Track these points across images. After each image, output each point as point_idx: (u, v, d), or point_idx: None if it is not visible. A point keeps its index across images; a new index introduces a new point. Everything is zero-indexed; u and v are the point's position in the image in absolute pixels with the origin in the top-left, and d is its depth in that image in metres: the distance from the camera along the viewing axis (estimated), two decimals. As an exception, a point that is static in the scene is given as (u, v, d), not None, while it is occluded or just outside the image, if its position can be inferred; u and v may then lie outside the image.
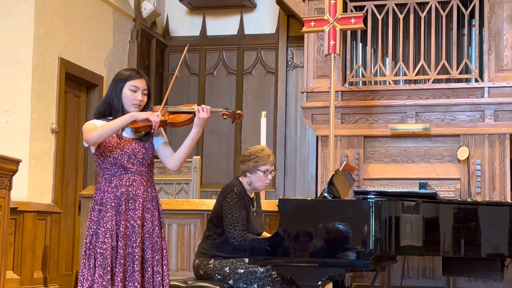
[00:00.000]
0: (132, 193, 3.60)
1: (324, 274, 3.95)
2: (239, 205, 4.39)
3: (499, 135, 6.05)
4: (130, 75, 3.68)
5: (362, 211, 3.88)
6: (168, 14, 8.71)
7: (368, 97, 6.35)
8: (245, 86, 8.39)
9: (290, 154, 8.16)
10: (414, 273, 5.71)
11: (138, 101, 3.65)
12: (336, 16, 5.82)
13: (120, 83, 3.67)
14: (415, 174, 6.11)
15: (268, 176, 4.50)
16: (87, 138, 3.56)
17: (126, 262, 3.54)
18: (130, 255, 3.54)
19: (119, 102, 3.65)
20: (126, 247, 3.54)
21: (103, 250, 3.51)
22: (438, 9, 6.33)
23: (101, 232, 3.53)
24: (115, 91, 3.67)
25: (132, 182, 3.61)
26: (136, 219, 3.58)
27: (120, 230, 3.54)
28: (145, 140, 3.69)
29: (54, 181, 6.55)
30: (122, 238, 3.53)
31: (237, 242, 4.34)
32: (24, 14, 6.27)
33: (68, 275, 6.79)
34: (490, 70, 6.15)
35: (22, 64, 6.25)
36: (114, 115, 3.65)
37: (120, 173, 3.60)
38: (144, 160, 3.66)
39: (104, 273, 3.48)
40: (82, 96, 7.26)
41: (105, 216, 3.55)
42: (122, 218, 3.56)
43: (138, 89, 3.66)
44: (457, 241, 4.14)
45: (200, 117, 3.66)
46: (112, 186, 3.59)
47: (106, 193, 3.59)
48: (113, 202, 3.57)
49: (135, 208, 3.59)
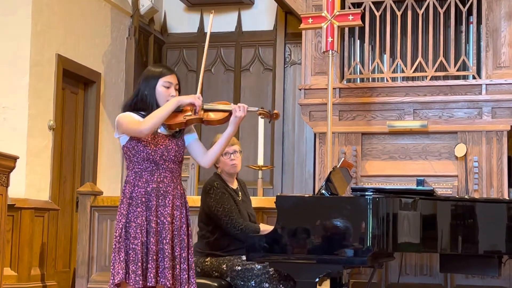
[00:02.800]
0: (162, 190, 3.59)
1: (322, 271, 3.95)
2: (225, 197, 4.42)
3: (497, 132, 6.06)
4: (162, 72, 3.67)
5: (360, 208, 3.88)
6: (165, 10, 8.70)
7: (365, 94, 6.35)
8: (242, 83, 8.38)
9: (288, 151, 8.16)
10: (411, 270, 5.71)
11: (172, 97, 3.65)
12: (334, 13, 5.82)
13: (152, 80, 3.66)
14: (413, 171, 6.12)
15: (231, 157, 4.51)
16: (138, 129, 3.50)
17: (158, 258, 3.53)
18: (161, 251, 3.54)
19: (153, 98, 3.64)
20: (157, 243, 3.54)
21: (134, 245, 3.50)
22: (436, 6, 6.34)
23: (132, 227, 3.52)
24: (148, 87, 3.64)
25: (163, 179, 3.60)
26: (166, 215, 3.57)
27: (152, 226, 3.53)
28: (177, 137, 3.69)
29: (52, 178, 6.54)
30: (154, 234, 3.52)
31: (238, 231, 4.35)
32: (21, 11, 6.26)
33: (66, 272, 6.79)
34: (487, 67, 6.16)
35: (19, 60, 6.24)
36: (148, 111, 3.62)
37: (151, 169, 3.59)
38: (176, 158, 3.66)
39: (137, 268, 3.48)
40: (80, 92, 7.25)
41: (135, 211, 3.54)
42: (153, 214, 3.55)
43: (171, 85, 3.66)
44: (455, 238, 4.15)
45: (237, 115, 3.65)
46: (142, 181, 3.58)
47: (136, 187, 3.57)
48: (144, 197, 3.56)
49: (165, 205, 3.58)
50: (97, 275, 5.69)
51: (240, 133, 8.25)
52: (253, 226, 4.43)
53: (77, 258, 5.75)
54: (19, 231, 6.01)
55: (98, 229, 5.72)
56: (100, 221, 5.73)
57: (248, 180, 8.10)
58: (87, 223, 5.71)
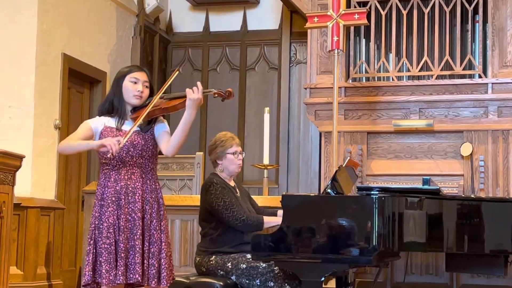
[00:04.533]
0: (131, 186, 3.61)
1: (327, 270, 3.94)
2: (225, 192, 4.42)
3: (503, 131, 6.04)
4: (129, 69, 3.74)
5: (366, 207, 3.88)
6: (171, 10, 8.70)
7: (371, 93, 6.34)
8: (248, 82, 8.38)
9: (293, 150, 8.16)
10: (417, 269, 5.70)
11: (139, 92, 3.67)
12: (340, 12, 5.81)
13: (120, 79, 3.71)
14: (419, 170, 6.11)
15: (239, 156, 4.53)
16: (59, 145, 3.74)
17: (129, 255, 3.55)
18: (132, 248, 3.56)
19: (120, 99, 3.67)
20: (128, 240, 3.56)
21: (107, 245, 3.52)
22: (442, 5, 6.32)
23: (104, 227, 3.55)
24: (116, 86, 3.70)
25: (130, 175, 3.62)
26: (136, 211, 3.60)
27: (121, 224, 3.56)
28: (145, 131, 3.69)
29: (57, 177, 6.56)
30: (123, 232, 3.55)
31: (240, 223, 4.35)
32: (27, 10, 6.27)
33: (72, 271, 6.79)
34: (493, 66, 6.14)
35: (25, 60, 6.25)
36: (115, 112, 3.68)
37: (118, 167, 3.62)
38: (144, 152, 3.66)
39: (111, 268, 3.50)
40: (85, 92, 7.26)
41: (107, 211, 3.57)
42: (123, 212, 3.58)
43: (138, 81, 3.69)
44: (461, 237, 4.14)
45: (191, 98, 3.61)
46: (111, 180, 3.61)
47: (106, 188, 3.61)
48: (114, 197, 3.59)
49: (135, 201, 3.61)
50: (102, 274, 5.69)
51: (246, 132, 8.25)
52: (256, 217, 4.42)
53: (82, 257, 5.76)
54: (25, 230, 6.02)
55: (104, 228, 5.72)
56: (106, 220, 5.73)
57: (253, 179, 8.16)
58: (93, 222, 5.71)
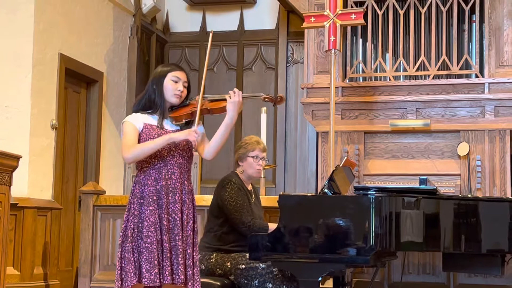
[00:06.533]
0: (171, 186, 3.61)
1: (325, 270, 3.95)
2: (240, 193, 4.42)
3: (500, 131, 6.05)
4: (171, 68, 3.73)
5: (363, 207, 3.88)
6: (168, 9, 8.70)
7: (368, 93, 6.34)
8: (245, 82, 8.38)
9: (290, 150, 8.16)
10: (414, 269, 5.70)
11: (179, 91, 3.67)
12: (336, 11, 5.81)
13: (161, 77, 3.69)
14: (416, 170, 6.11)
15: (259, 162, 4.52)
16: (124, 154, 3.59)
17: (172, 256, 3.55)
18: (174, 248, 3.56)
19: (161, 96, 3.66)
20: (170, 240, 3.56)
21: (148, 244, 3.51)
22: (439, 4, 6.33)
23: (145, 226, 3.53)
24: (156, 85, 3.68)
25: (171, 175, 3.61)
26: (177, 212, 3.60)
27: (164, 223, 3.55)
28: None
29: (54, 177, 6.55)
30: (166, 232, 3.54)
31: (246, 228, 4.34)
32: (24, 10, 6.26)
33: (68, 271, 6.79)
34: (490, 66, 6.15)
35: (22, 60, 6.24)
36: (154, 108, 3.66)
37: (159, 166, 3.60)
38: (184, 152, 3.67)
39: (151, 267, 3.48)
40: (82, 92, 7.25)
41: (147, 210, 3.55)
42: (164, 211, 3.56)
43: (179, 80, 3.69)
44: (458, 237, 4.14)
45: (231, 101, 3.65)
46: (151, 179, 3.59)
47: (146, 186, 3.59)
48: (155, 196, 3.57)
49: (175, 201, 3.60)
50: (99, 274, 5.69)
51: (242, 131, 8.25)
52: (261, 224, 4.41)
53: (79, 257, 5.76)
54: (22, 230, 6.02)
55: (101, 228, 5.73)
56: (103, 220, 5.73)
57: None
58: (90, 222, 5.72)
